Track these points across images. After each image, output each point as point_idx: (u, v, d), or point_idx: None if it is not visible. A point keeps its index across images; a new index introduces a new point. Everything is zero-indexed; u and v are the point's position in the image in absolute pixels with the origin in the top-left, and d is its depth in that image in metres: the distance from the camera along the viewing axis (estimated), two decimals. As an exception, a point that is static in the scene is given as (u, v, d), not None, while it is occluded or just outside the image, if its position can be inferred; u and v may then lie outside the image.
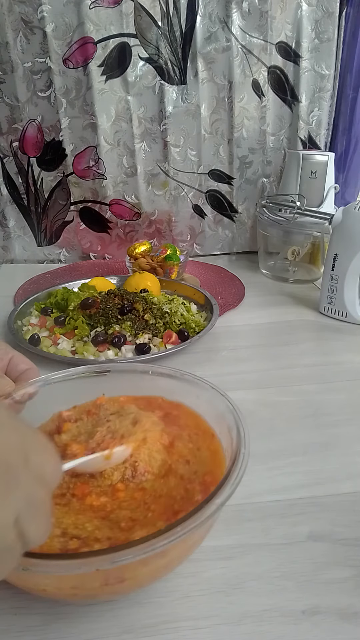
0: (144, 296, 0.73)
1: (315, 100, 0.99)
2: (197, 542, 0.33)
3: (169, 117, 0.95)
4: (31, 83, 0.90)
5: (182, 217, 1.05)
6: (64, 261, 1.08)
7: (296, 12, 0.91)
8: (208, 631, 0.32)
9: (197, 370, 0.42)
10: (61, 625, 0.32)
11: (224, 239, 1.10)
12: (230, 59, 0.92)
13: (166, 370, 0.43)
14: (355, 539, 0.38)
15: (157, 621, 0.32)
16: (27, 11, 0.84)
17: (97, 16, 0.86)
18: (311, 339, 0.74)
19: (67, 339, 0.67)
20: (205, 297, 0.79)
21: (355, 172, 1.03)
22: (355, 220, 0.73)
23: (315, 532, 0.39)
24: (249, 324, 0.77)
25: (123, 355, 0.64)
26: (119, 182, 1.00)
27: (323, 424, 0.53)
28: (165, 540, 0.26)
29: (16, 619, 0.32)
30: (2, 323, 0.74)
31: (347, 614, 0.32)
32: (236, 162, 1.01)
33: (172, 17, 0.89)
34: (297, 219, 0.88)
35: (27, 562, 0.25)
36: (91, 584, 0.28)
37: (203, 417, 0.41)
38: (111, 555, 0.25)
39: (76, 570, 0.25)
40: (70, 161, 0.97)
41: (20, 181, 0.99)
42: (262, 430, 0.50)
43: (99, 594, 0.30)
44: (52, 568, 0.25)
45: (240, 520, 0.40)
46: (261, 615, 0.32)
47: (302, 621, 0.32)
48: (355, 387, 0.60)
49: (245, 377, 0.62)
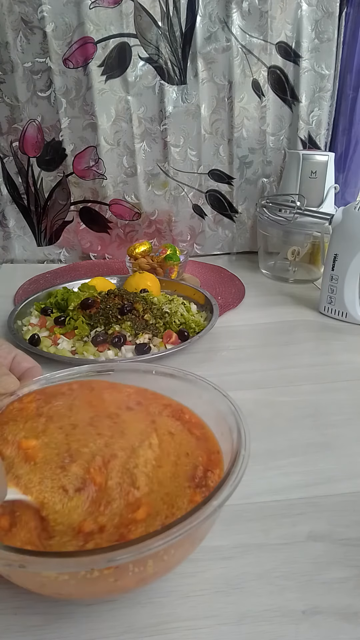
0: (144, 296, 0.73)
1: (315, 100, 0.99)
2: (197, 542, 0.33)
3: (169, 117, 0.95)
4: (31, 83, 0.90)
5: (182, 217, 1.05)
6: (64, 261, 1.08)
7: (296, 12, 0.91)
8: (208, 631, 0.32)
9: (197, 370, 0.42)
10: (61, 625, 0.32)
11: (224, 239, 1.10)
12: (230, 59, 0.92)
13: (169, 370, 0.43)
14: (355, 539, 0.38)
15: (157, 621, 0.32)
16: (27, 11, 0.84)
17: (97, 16, 0.86)
18: (311, 339, 0.74)
19: (67, 339, 0.67)
20: (205, 297, 0.79)
21: (355, 172, 1.03)
22: (355, 220, 0.73)
23: (315, 532, 0.39)
24: (248, 324, 0.77)
25: (123, 355, 0.64)
26: (119, 182, 1.00)
27: (323, 424, 0.53)
28: (162, 540, 0.26)
29: (16, 619, 0.32)
30: (2, 323, 0.74)
31: (347, 614, 0.32)
32: (236, 162, 1.01)
33: (172, 17, 0.89)
34: (297, 219, 0.88)
35: (23, 559, 0.25)
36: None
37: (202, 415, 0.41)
38: (108, 554, 0.25)
39: (72, 568, 0.25)
40: (70, 161, 0.97)
41: (20, 181, 0.99)
42: (262, 431, 0.50)
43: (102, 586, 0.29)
44: (48, 566, 0.25)
45: (240, 520, 0.40)
46: (261, 615, 0.32)
47: (302, 621, 0.32)
48: (355, 387, 0.60)
49: (245, 377, 0.62)
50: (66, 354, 0.64)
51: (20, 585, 0.31)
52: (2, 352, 0.44)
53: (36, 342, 0.66)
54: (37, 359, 0.47)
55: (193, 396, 0.41)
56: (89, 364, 0.52)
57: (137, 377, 0.44)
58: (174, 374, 0.42)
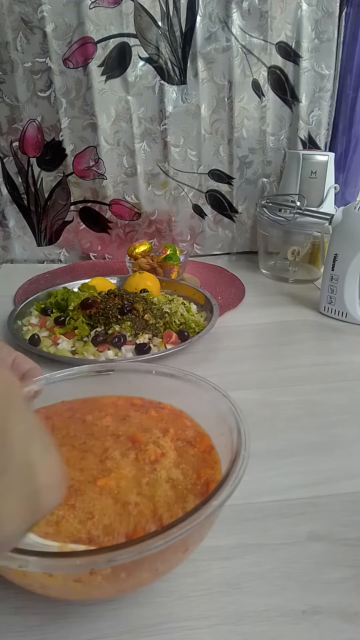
0: (144, 296, 0.73)
1: (315, 100, 0.99)
2: (197, 541, 0.33)
3: (169, 117, 0.95)
4: (31, 83, 0.90)
5: (182, 217, 1.05)
6: (64, 261, 1.08)
7: (296, 12, 0.91)
8: (208, 631, 0.32)
9: (197, 370, 0.42)
10: (61, 625, 0.32)
11: (224, 239, 1.10)
12: (230, 59, 0.92)
13: (169, 370, 0.43)
14: (355, 539, 0.38)
15: (157, 621, 0.32)
16: (27, 11, 0.84)
17: (97, 16, 0.86)
18: (311, 339, 0.74)
19: (67, 339, 0.67)
20: (205, 297, 0.79)
21: (355, 172, 1.03)
22: (355, 220, 0.73)
23: (315, 532, 0.39)
24: (248, 324, 0.77)
25: (123, 355, 0.64)
26: (119, 182, 1.00)
27: (323, 424, 0.53)
28: (162, 540, 0.26)
29: (16, 619, 0.32)
30: (2, 323, 0.74)
31: (347, 614, 0.32)
32: (236, 162, 1.01)
33: (172, 17, 0.89)
34: (297, 219, 0.88)
35: (23, 559, 0.25)
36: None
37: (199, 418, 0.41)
38: (107, 554, 0.25)
39: (72, 569, 0.25)
40: (70, 161, 0.97)
41: (20, 181, 0.99)
42: (262, 431, 0.50)
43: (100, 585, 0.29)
44: (47, 566, 0.25)
45: (240, 520, 0.40)
46: (261, 615, 0.32)
47: (302, 621, 0.32)
48: (355, 387, 0.60)
49: (245, 377, 0.62)
50: (66, 354, 0.63)
51: (20, 585, 0.31)
52: (3, 355, 0.45)
53: (36, 342, 0.66)
54: (37, 359, 0.47)
55: (193, 396, 0.41)
56: (89, 364, 0.52)
57: (137, 377, 0.44)
58: (174, 374, 0.42)
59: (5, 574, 0.30)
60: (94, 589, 0.29)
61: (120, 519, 0.31)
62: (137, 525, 0.31)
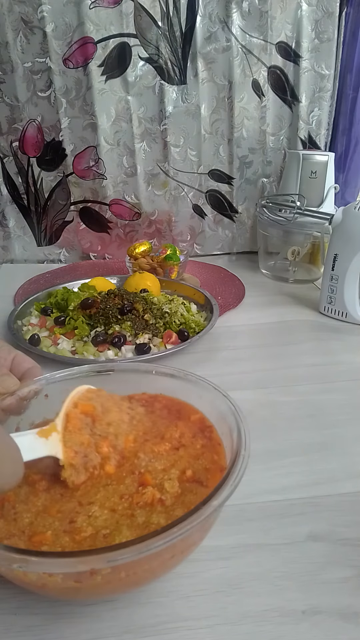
0: (144, 296, 0.73)
1: (315, 100, 0.99)
2: (197, 541, 0.33)
3: (169, 117, 0.95)
4: (31, 83, 0.90)
5: (182, 217, 1.05)
6: (64, 261, 1.08)
7: (296, 12, 0.91)
8: (208, 631, 0.32)
9: (197, 370, 0.42)
10: (61, 625, 0.32)
11: (224, 239, 1.10)
12: (230, 59, 0.92)
13: (169, 370, 0.43)
14: (355, 539, 0.38)
15: (157, 621, 0.32)
16: (27, 11, 0.84)
17: (97, 16, 0.86)
18: (311, 339, 0.74)
19: (67, 339, 0.67)
20: (205, 297, 0.79)
21: (355, 172, 1.03)
22: (355, 220, 0.73)
23: (315, 532, 0.39)
24: (249, 324, 0.77)
25: (123, 355, 0.64)
26: (119, 182, 1.00)
27: (323, 424, 0.53)
28: (162, 540, 0.26)
29: (16, 619, 0.32)
30: (2, 323, 0.74)
31: (347, 614, 0.32)
32: (236, 162, 1.01)
33: (172, 17, 0.89)
34: (297, 219, 0.88)
35: (23, 560, 0.25)
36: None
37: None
38: (107, 554, 0.25)
39: (72, 568, 0.25)
40: (70, 161, 0.97)
41: (20, 181, 0.99)
42: (262, 431, 0.50)
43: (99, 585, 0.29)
44: (47, 566, 0.25)
45: (240, 520, 0.40)
46: (261, 615, 0.32)
47: (302, 621, 0.32)
48: (355, 387, 0.60)
49: (245, 377, 0.62)
50: (66, 354, 0.63)
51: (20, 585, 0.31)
52: (2, 353, 0.44)
53: (36, 342, 0.66)
54: (37, 359, 0.47)
55: (193, 396, 0.41)
56: (89, 364, 0.52)
57: (137, 377, 0.44)
58: (174, 374, 0.42)
59: (5, 574, 0.30)
60: (93, 589, 0.29)
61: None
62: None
